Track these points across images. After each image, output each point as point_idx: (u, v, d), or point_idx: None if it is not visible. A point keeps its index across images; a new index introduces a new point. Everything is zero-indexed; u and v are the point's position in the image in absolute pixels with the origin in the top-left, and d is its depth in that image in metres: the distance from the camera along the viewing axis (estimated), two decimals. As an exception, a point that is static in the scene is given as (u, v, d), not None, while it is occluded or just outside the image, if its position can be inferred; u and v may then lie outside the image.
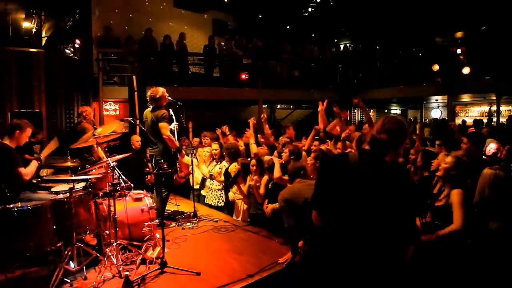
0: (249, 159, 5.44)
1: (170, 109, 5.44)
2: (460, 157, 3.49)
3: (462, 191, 3.28)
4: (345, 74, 14.41)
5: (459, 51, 10.79)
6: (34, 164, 4.17)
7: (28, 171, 4.07)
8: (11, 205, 3.45)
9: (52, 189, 4.17)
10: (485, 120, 12.57)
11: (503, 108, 13.94)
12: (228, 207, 5.69)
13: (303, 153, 5.11)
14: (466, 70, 10.27)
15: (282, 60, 13.25)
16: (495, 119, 12.81)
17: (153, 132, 5.12)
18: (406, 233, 2.22)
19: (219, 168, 5.93)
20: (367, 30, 14.84)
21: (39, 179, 4.74)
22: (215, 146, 6.15)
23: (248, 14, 14.60)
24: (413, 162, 4.56)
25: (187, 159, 6.06)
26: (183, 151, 5.64)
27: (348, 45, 16.30)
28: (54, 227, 3.55)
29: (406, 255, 2.49)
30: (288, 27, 15.67)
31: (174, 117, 5.41)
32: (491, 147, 5.17)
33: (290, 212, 3.61)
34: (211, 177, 6.01)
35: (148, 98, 5.15)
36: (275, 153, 5.35)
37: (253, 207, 5.02)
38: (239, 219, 5.35)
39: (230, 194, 5.52)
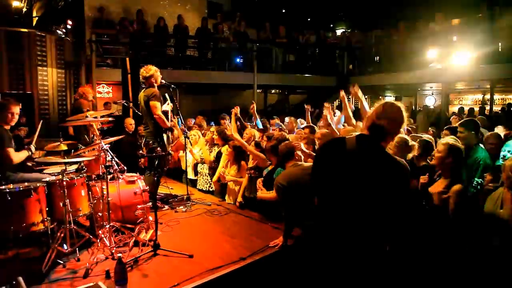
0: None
1: (166, 93, 5.39)
2: (452, 143, 3.28)
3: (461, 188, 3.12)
4: (340, 60, 14.33)
5: (455, 38, 10.77)
6: (24, 153, 4.12)
7: (17, 157, 4.01)
8: (3, 186, 3.44)
9: (45, 171, 4.15)
10: (476, 109, 12.60)
11: (496, 96, 14.00)
12: (220, 191, 5.70)
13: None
14: (461, 58, 10.28)
15: (278, 45, 13.12)
16: (487, 107, 12.86)
17: (145, 113, 5.09)
18: (392, 224, 2.22)
19: (210, 153, 5.95)
20: (363, 16, 14.72)
21: (34, 163, 4.69)
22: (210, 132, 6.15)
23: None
24: None
25: (182, 139, 6.06)
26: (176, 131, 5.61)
27: (344, 30, 16.18)
28: (47, 208, 3.55)
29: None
30: (284, 10, 15.48)
31: (168, 99, 5.36)
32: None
33: (286, 198, 3.59)
34: (202, 161, 6.03)
35: (140, 77, 5.10)
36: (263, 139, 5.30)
37: (248, 190, 5.03)
38: (232, 201, 5.33)
39: (220, 170, 5.47)
